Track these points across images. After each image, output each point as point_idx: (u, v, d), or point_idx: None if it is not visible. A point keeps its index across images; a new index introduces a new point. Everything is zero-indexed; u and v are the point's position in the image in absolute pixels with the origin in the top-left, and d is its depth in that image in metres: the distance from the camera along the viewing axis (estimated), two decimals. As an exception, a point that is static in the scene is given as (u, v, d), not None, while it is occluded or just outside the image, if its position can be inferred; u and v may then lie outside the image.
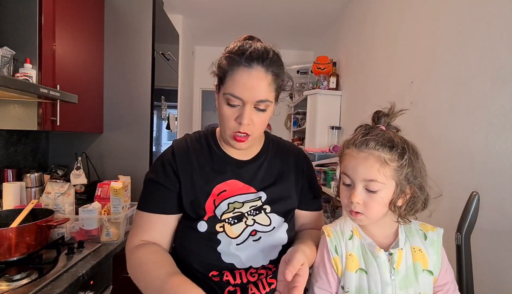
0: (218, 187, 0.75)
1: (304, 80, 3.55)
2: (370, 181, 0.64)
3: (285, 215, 0.77)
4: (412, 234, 0.70)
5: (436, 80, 1.47)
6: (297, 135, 3.68)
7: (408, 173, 0.64)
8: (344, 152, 0.70)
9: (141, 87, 1.89)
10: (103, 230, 1.25)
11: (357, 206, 0.66)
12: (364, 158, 0.65)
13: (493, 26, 1.15)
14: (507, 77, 1.08)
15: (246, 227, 0.73)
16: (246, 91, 0.67)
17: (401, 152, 0.64)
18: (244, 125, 0.69)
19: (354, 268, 0.68)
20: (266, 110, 0.71)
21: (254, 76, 0.67)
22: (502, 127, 1.09)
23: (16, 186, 1.35)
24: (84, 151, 1.84)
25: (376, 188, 0.64)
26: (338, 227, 0.73)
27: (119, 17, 1.87)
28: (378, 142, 0.65)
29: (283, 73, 0.73)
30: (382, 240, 0.70)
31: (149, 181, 0.77)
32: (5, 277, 0.91)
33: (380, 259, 0.66)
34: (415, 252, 0.68)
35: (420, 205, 0.67)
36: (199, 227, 0.71)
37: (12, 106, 1.32)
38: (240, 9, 2.85)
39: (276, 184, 0.79)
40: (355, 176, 0.66)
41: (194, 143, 0.80)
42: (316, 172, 2.48)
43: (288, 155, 0.84)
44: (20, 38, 1.26)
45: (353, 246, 0.70)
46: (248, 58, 0.66)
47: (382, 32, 2.06)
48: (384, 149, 0.64)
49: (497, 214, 1.09)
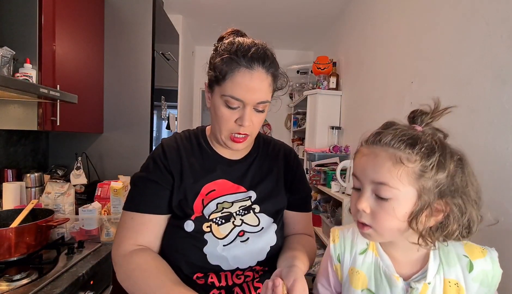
0: (207, 187, 0.74)
1: (304, 80, 3.55)
2: (380, 184, 0.50)
3: (274, 215, 0.76)
4: (450, 262, 0.54)
5: (436, 80, 1.47)
6: (297, 135, 3.68)
7: (441, 182, 0.49)
8: (357, 149, 0.58)
9: (141, 87, 1.90)
10: (103, 230, 1.25)
11: (363, 215, 0.53)
12: (374, 155, 0.52)
13: (493, 26, 1.15)
14: (507, 77, 1.08)
15: (234, 227, 0.71)
16: (248, 93, 0.65)
17: (429, 152, 0.49)
18: (245, 127, 0.68)
19: (360, 286, 0.58)
20: (264, 110, 0.71)
21: (256, 77, 0.66)
22: (502, 127, 1.09)
23: (16, 186, 1.35)
24: (84, 151, 1.84)
25: (387, 194, 0.50)
26: (350, 234, 0.61)
27: (119, 17, 1.87)
28: (394, 137, 0.51)
29: (280, 73, 0.73)
30: (404, 266, 0.56)
31: (140, 179, 0.73)
32: (5, 277, 0.91)
33: (396, 289, 0.54)
34: (450, 287, 0.52)
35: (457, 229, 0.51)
36: (186, 227, 0.69)
37: (12, 106, 1.32)
38: (240, 9, 2.85)
39: (266, 183, 0.78)
40: (363, 177, 0.53)
41: (184, 141, 0.78)
42: (316, 172, 2.48)
43: (278, 154, 0.83)
44: (20, 38, 1.26)
45: (363, 263, 0.58)
46: (249, 60, 0.65)
47: (382, 32, 2.06)
48: (400, 146, 0.50)
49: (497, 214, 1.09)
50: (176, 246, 0.70)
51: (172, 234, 0.72)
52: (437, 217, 0.51)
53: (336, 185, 2.14)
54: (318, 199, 2.59)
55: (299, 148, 3.36)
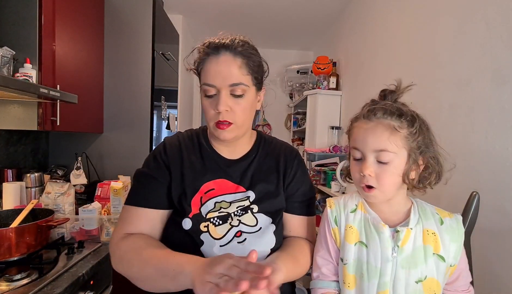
0: (207, 185, 0.74)
1: (304, 80, 3.55)
2: (381, 151, 0.62)
3: (273, 215, 0.75)
4: (427, 216, 0.68)
5: (436, 80, 1.47)
6: (297, 135, 3.68)
7: (419, 142, 0.63)
8: (352, 126, 0.69)
9: (141, 87, 1.89)
10: (103, 230, 1.25)
11: (370, 179, 0.64)
12: (373, 127, 0.64)
13: (493, 26, 1.15)
14: (507, 77, 1.08)
15: (231, 228, 0.71)
16: (217, 77, 0.68)
17: (411, 119, 0.63)
18: (223, 112, 0.69)
19: (353, 240, 0.68)
20: (244, 95, 0.70)
21: (222, 60, 0.69)
22: (502, 127, 1.09)
23: (16, 186, 1.35)
24: (84, 151, 1.84)
25: (387, 158, 0.62)
26: (342, 200, 0.74)
27: (119, 17, 1.87)
28: (386, 111, 0.64)
29: (256, 57, 0.73)
30: (390, 217, 0.68)
31: (140, 175, 0.76)
32: (5, 277, 0.91)
33: (383, 235, 0.65)
34: (428, 234, 0.65)
35: (435, 177, 0.66)
36: (184, 224, 0.70)
37: (12, 106, 1.32)
38: (240, 9, 2.85)
39: (264, 182, 0.77)
40: (365, 148, 0.64)
41: (186, 140, 0.80)
42: (316, 172, 2.48)
43: (279, 155, 0.82)
44: (20, 38, 1.26)
45: (354, 219, 0.70)
46: (215, 47, 0.70)
47: (382, 32, 2.06)
48: (392, 117, 0.63)
49: (497, 214, 1.09)
50: (174, 243, 0.71)
51: (171, 231, 0.73)
52: (418, 170, 0.65)
53: (336, 185, 2.14)
54: (318, 199, 2.59)
55: (299, 148, 3.37)
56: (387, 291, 0.64)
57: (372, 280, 0.65)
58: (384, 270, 0.64)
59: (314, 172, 2.52)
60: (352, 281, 0.67)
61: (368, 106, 0.68)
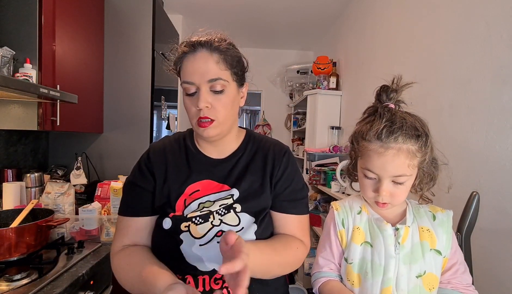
0: (191, 187, 0.74)
1: (304, 80, 3.55)
2: (399, 176, 0.64)
3: (256, 215, 0.73)
4: (420, 215, 0.72)
5: (436, 80, 1.47)
6: (297, 135, 3.68)
7: (429, 157, 0.67)
8: (363, 145, 0.67)
9: (141, 87, 1.89)
10: (103, 230, 1.25)
11: (384, 198, 0.67)
12: (393, 155, 0.63)
13: (493, 26, 1.15)
14: (507, 77, 1.08)
15: (212, 227, 0.70)
16: (195, 74, 0.68)
17: (426, 139, 0.65)
18: (203, 109, 0.68)
19: (360, 241, 0.71)
20: (224, 91, 0.70)
21: (199, 57, 0.69)
22: (502, 127, 1.09)
23: (16, 186, 1.35)
24: (84, 151, 1.84)
25: (404, 180, 0.65)
26: (347, 203, 0.77)
27: (119, 17, 1.87)
28: (406, 135, 0.63)
29: (234, 51, 0.72)
30: (390, 217, 0.73)
31: (127, 184, 0.79)
32: (5, 277, 0.91)
33: (386, 233, 0.69)
34: (423, 231, 0.70)
35: (432, 180, 0.70)
36: (164, 224, 0.71)
37: (12, 106, 1.32)
38: (240, 9, 2.85)
39: (250, 181, 0.75)
40: (383, 174, 0.65)
41: (173, 143, 0.81)
42: (316, 172, 2.48)
43: (268, 153, 0.79)
44: (20, 38, 1.26)
45: (361, 220, 0.73)
46: (191, 45, 0.70)
47: (382, 32, 2.06)
48: (411, 141, 0.63)
49: (497, 214, 1.09)
50: (156, 244, 0.73)
51: (154, 232, 0.75)
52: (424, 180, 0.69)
53: (336, 185, 2.13)
54: (318, 199, 2.59)
55: (299, 148, 3.36)
56: (390, 287, 0.67)
57: (376, 277, 0.68)
58: (388, 267, 0.67)
59: (314, 172, 2.51)
60: (356, 279, 0.71)
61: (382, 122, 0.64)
